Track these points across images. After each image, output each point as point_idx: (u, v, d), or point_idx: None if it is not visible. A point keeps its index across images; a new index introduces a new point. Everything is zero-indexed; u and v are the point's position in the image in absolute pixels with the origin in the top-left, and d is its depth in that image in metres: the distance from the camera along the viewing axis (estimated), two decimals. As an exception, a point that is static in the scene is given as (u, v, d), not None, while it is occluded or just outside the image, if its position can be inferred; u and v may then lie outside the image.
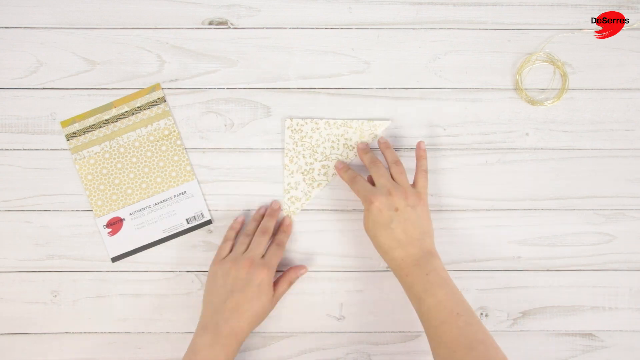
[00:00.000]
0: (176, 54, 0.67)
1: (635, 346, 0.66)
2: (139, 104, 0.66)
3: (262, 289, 0.59)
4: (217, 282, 0.60)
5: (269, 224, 0.64)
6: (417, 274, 0.57)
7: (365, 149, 0.64)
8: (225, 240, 0.64)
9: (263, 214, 0.66)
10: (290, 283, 0.64)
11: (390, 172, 0.61)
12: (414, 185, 0.61)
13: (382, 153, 0.64)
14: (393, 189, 0.58)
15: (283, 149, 0.66)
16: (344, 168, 0.64)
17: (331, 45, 0.67)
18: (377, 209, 0.58)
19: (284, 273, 0.64)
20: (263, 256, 0.61)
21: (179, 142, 0.66)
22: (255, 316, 0.59)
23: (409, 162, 0.66)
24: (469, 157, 0.67)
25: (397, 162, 0.62)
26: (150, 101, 0.66)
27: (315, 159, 0.66)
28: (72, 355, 0.66)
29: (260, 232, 0.63)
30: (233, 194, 0.67)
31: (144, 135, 0.66)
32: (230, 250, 0.63)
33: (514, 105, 0.67)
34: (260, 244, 0.62)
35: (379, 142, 0.64)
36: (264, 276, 0.59)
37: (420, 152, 0.63)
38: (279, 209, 0.66)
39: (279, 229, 0.65)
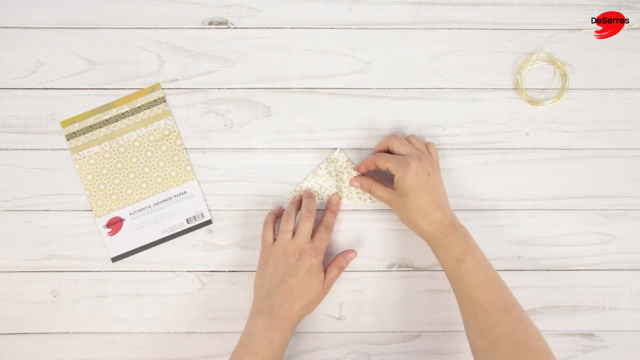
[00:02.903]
0: (176, 54, 0.67)
1: (635, 346, 0.66)
2: (139, 104, 0.66)
3: (313, 273, 0.60)
4: (269, 269, 0.60)
5: (311, 205, 0.63)
6: (456, 235, 0.58)
7: (367, 162, 0.63)
8: (266, 224, 0.64)
9: (299, 199, 0.65)
10: (341, 269, 0.63)
11: (410, 142, 0.62)
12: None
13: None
14: (422, 155, 0.60)
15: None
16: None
17: (331, 45, 0.67)
18: (415, 172, 0.58)
19: (333, 259, 0.63)
20: (311, 238, 0.61)
21: (179, 142, 0.66)
22: (307, 299, 0.59)
23: (409, 162, 0.66)
24: (469, 157, 0.67)
25: (412, 135, 0.63)
26: (150, 101, 0.66)
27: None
28: (72, 355, 0.66)
29: (305, 218, 0.62)
30: (233, 194, 0.67)
31: (144, 135, 0.66)
32: (274, 234, 0.63)
33: (514, 105, 0.67)
34: (305, 230, 0.61)
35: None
36: (314, 261, 0.60)
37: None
38: (314, 194, 0.65)
39: (326, 210, 0.65)
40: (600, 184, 0.67)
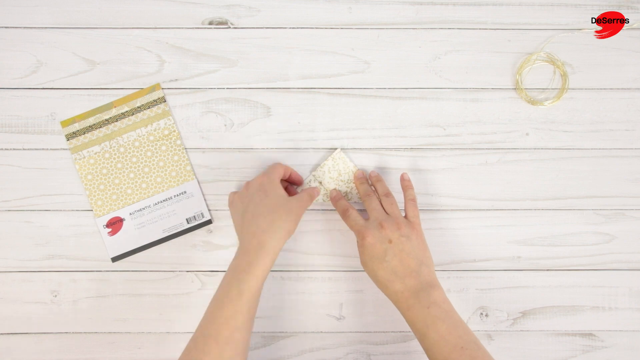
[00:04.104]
0: (176, 54, 0.67)
1: (635, 346, 0.66)
2: (139, 104, 0.66)
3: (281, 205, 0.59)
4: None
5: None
6: (417, 308, 0.55)
7: (361, 178, 0.65)
8: (276, 174, 0.62)
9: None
10: (311, 197, 0.63)
11: (381, 204, 0.62)
12: (405, 216, 0.62)
13: (373, 185, 0.65)
14: (385, 221, 0.59)
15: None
16: (337, 197, 0.65)
17: (331, 45, 0.67)
18: (370, 243, 0.58)
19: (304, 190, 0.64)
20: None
21: (179, 142, 0.66)
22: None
23: (408, 162, 0.66)
24: (469, 157, 0.67)
25: (388, 194, 0.62)
26: (150, 101, 0.66)
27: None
28: (72, 355, 0.66)
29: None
30: (233, 194, 0.67)
31: (144, 135, 0.66)
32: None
33: (514, 105, 0.67)
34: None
35: (370, 175, 0.65)
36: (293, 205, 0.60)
37: (405, 182, 0.64)
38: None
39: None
40: (600, 184, 0.67)
